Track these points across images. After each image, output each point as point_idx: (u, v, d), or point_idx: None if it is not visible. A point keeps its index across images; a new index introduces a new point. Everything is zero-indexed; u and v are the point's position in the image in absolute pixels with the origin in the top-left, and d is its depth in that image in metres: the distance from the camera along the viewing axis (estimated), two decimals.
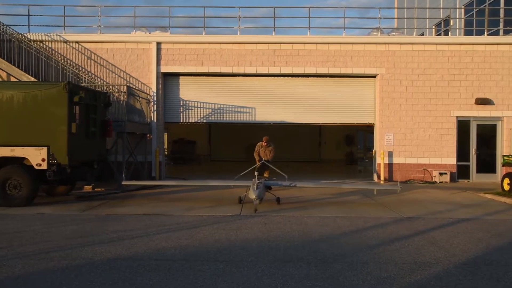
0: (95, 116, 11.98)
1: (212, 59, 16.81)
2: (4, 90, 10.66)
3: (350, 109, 17.24)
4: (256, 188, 9.97)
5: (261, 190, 10.06)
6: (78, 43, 16.73)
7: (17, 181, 10.34)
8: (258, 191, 9.86)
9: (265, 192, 10.57)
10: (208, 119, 17.53)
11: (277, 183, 11.99)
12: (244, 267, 5.75)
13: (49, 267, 5.67)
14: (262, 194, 10.00)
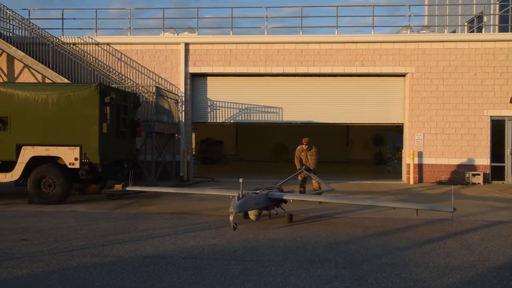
0: (125, 116, 12.23)
1: (240, 60, 16.88)
2: (39, 91, 11.01)
3: (378, 109, 16.99)
4: (238, 199, 7.48)
5: (246, 202, 7.59)
6: (109, 45, 17.12)
7: (52, 180, 10.66)
8: (239, 203, 7.41)
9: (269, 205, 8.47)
10: (235, 119, 17.61)
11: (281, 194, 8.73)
12: (272, 267, 5.75)
13: (82, 263, 5.83)
14: (246, 207, 7.65)
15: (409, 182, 16.12)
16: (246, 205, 7.62)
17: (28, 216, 9.21)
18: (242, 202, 7.47)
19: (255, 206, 7.83)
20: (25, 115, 10.81)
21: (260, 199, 8.09)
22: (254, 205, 7.81)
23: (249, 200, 7.72)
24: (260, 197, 8.14)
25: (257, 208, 7.92)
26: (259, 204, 7.95)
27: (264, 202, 8.19)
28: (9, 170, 10.81)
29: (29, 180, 10.65)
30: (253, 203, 7.80)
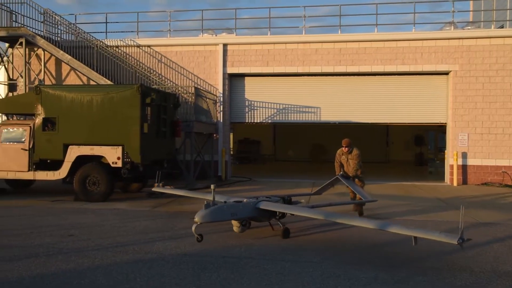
0: (165, 117, 12.50)
1: (277, 59, 16.87)
2: (84, 93, 11.43)
3: (419, 108, 16.52)
4: (206, 207, 6.55)
5: (215, 212, 6.59)
6: (149, 47, 17.55)
7: (96, 178, 11.05)
8: (205, 212, 6.49)
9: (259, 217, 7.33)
10: (272, 119, 17.62)
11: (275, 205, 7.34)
12: (310, 267, 5.71)
13: (124, 259, 6.01)
14: (217, 217, 6.64)
15: (453, 183, 15.58)
16: (216, 215, 6.61)
17: (74, 213, 9.59)
18: (210, 212, 6.52)
19: (231, 216, 6.81)
20: (72, 116, 11.25)
21: (240, 209, 6.96)
22: (229, 216, 6.79)
23: (221, 209, 6.71)
24: (240, 207, 7.00)
25: (236, 219, 6.94)
26: (238, 215, 6.88)
27: (248, 213, 7.05)
28: (57, 169, 11.29)
29: (75, 178, 11.09)
30: (228, 213, 6.78)
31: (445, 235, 5.50)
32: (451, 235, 5.41)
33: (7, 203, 10.87)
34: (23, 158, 11.42)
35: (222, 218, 6.79)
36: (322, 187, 9.68)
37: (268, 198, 7.64)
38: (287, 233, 7.27)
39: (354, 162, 9.50)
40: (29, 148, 11.44)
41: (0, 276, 5.24)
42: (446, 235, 5.51)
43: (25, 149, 11.43)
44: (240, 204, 7.12)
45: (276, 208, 7.21)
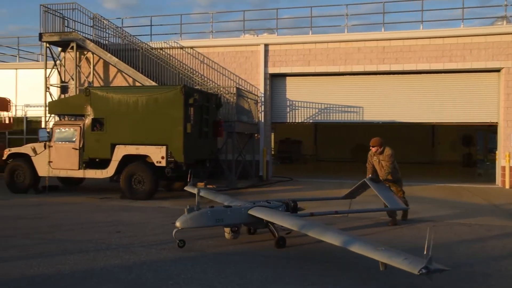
0: (208, 117, 12.70)
1: (319, 59, 16.73)
2: (130, 94, 11.82)
3: (468, 107, 15.89)
4: (188, 212, 6.28)
5: (198, 217, 6.28)
6: (192, 48, 17.89)
7: (141, 177, 11.40)
8: (187, 217, 6.24)
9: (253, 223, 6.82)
10: (314, 119, 17.50)
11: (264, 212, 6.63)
12: (351, 269, 5.63)
13: (168, 256, 6.16)
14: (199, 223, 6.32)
15: (504, 186, 14.86)
16: (199, 221, 6.29)
17: (121, 210, 9.93)
18: (192, 217, 6.24)
19: (215, 222, 6.37)
20: (118, 116, 11.67)
21: (228, 214, 6.49)
22: (214, 221, 6.35)
23: (204, 215, 6.32)
24: (228, 212, 6.53)
25: (223, 225, 6.52)
26: (225, 221, 6.43)
27: (238, 219, 6.57)
28: (105, 167, 11.74)
29: (122, 177, 11.48)
30: (213, 219, 6.34)
31: (409, 262, 4.35)
32: (415, 262, 4.29)
33: (60, 199, 11.42)
34: (74, 157, 11.95)
35: (206, 224, 6.40)
36: (351, 191, 8.67)
37: (268, 203, 7.00)
38: (280, 243, 6.53)
39: (387, 163, 8.28)
40: (79, 147, 11.95)
41: (54, 269, 5.52)
42: (410, 261, 4.35)
43: (75, 148, 11.95)
44: (228, 209, 6.61)
45: (262, 216, 6.52)
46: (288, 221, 6.22)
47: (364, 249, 4.98)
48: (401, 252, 4.76)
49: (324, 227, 5.94)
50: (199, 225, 6.39)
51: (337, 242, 5.32)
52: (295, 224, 6.08)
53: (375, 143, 8.45)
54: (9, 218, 9.04)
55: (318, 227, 5.88)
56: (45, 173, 12.26)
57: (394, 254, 4.68)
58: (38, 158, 12.27)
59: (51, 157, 12.11)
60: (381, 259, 4.70)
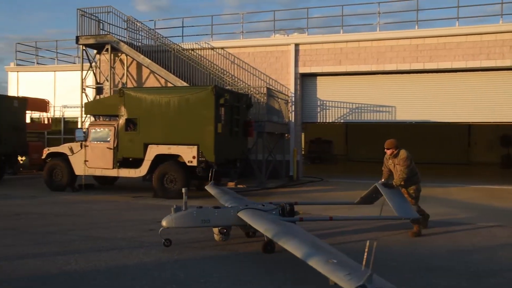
0: (238, 117, 12.77)
1: (350, 58, 16.54)
2: (162, 95, 12.03)
3: (506, 106, 15.36)
4: (174, 212, 6.31)
5: (183, 217, 6.29)
6: (223, 49, 18.02)
7: (173, 176, 11.57)
8: (172, 216, 6.29)
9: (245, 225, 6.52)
10: (345, 119, 17.30)
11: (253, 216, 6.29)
12: (386, 271, 5.52)
13: (200, 255, 6.23)
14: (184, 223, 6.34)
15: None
16: (184, 221, 6.30)
17: (153, 208, 10.11)
18: (177, 217, 6.25)
19: (201, 223, 6.32)
20: (151, 117, 11.89)
21: (215, 216, 6.40)
22: (199, 222, 6.31)
23: (190, 215, 6.29)
24: (216, 214, 6.43)
25: (209, 226, 6.48)
26: (211, 222, 6.38)
27: (226, 221, 6.46)
28: (138, 167, 11.99)
29: (154, 176, 11.69)
30: (198, 220, 6.29)
31: (349, 278, 3.90)
32: (355, 278, 3.84)
33: (95, 198, 11.75)
34: (109, 156, 12.26)
35: (191, 224, 6.38)
36: (363, 196, 8.05)
37: (262, 206, 6.76)
38: (268, 248, 6.19)
39: (401, 167, 7.51)
40: (113, 147, 12.25)
41: (90, 265, 5.68)
42: (350, 277, 3.90)
43: (110, 148, 12.26)
44: (215, 210, 6.49)
45: (246, 218, 6.26)
46: (263, 226, 5.84)
47: (317, 263, 4.46)
48: (351, 266, 4.20)
49: (294, 236, 5.33)
50: (184, 225, 6.41)
51: (298, 254, 4.85)
52: (268, 230, 5.70)
53: (389, 145, 7.73)
54: (48, 215, 9.37)
55: (287, 235, 5.37)
56: (81, 172, 12.63)
57: (340, 268, 4.15)
58: (75, 157, 12.65)
59: (87, 157, 12.47)
60: (326, 273, 4.24)
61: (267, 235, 5.75)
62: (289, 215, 6.74)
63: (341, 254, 4.64)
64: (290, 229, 5.75)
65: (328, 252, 4.69)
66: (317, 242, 5.11)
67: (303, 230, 5.84)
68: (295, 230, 5.72)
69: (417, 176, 7.75)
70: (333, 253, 4.68)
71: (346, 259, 4.26)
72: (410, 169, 7.50)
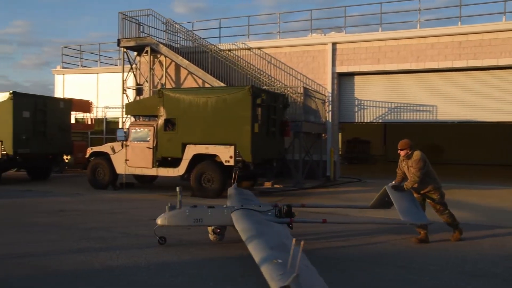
0: (275, 117, 12.77)
1: (389, 56, 16.19)
2: (200, 95, 12.20)
3: None
4: (169, 210, 6.41)
5: (176, 216, 6.38)
6: (259, 49, 18.08)
7: (210, 176, 11.72)
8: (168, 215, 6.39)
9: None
10: (384, 119, 16.96)
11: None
12: (426, 275, 5.39)
13: (237, 254, 6.25)
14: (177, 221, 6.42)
15: None
16: (177, 220, 6.38)
17: None
18: (170, 215, 6.36)
19: (193, 222, 6.34)
20: (189, 117, 12.09)
21: (208, 215, 6.38)
22: (192, 221, 6.33)
23: (182, 214, 6.35)
24: (209, 213, 6.41)
25: (202, 225, 6.46)
26: (204, 221, 6.38)
27: (218, 221, 6.42)
28: (176, 166, 12.22)
29: (192, 175, 11.88)
30: (190, 219, 6.32)
31: (278, 279, 3.78)
32: (283, 279, 3.69)
33: (135, 196, 12.08)
34: (148, 155, 12.56)
35: (184, 223, 6.44)
36: (376, 200, 7.65)
37: (258, 206, 6.67)
38: None
39: (414, 170, 7.00)
40: (153, 146, 12.54)
41: (131, 261, 5.85)
42: (280, 278, 3.78)
43: (149, 147, 12.56)
44: (209, 209, 6.47)
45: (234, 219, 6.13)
46: (241, 226, 5.68)
47: (262, 262, 4.32)
48: (293, 268, 3.81)
49: (260, 237, 5.11)
50: (177, 224, 6.45)
51: (254, 255, 4.69)
52: (243, 231, 5.53)
53: (403, 146, 7.24)
54: (91, 212, 9.72)
55: (255, 238, 5.13)
56: (122, 170, 13.01)
57: (277, 268, 4.01)
58: (116, 156, 13.04)
59: (128, 156, 12.83)
60: (264, 271, 4.12)
61: (241, 235, 5.52)
62: (287, 216, 6.58)
63: (303, 257, 4.18)
64: (266, 231, 5.53)
65: (285, 254, 4.35)
66: (283, 245, 4.86)
67: (287, 232, 5.69)
68: (272, 232, 5.53)
69: (436, 180, 7.13)
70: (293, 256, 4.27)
71: (297, 262, 3.90)
72: (424, 172, 6.96)
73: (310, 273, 4.05)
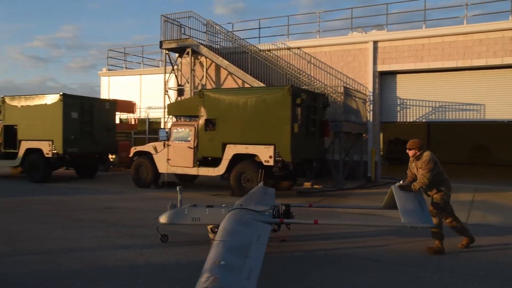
0: (314, 117, 12.68)
1: (433, 54, 15.70)
2: (240, 95, 12.30)
3: None
4: (170, 208, 6.67)
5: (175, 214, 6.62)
6: (299, 48, 18.00)
7: (250, 175, 11.79)
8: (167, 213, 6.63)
9: None
10: (427, 118, 16.47)
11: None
12: (474, 281, 5.20)
13: (275, 253, 6.29)
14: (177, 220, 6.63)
15: None
16: (175, 218, 6.60)
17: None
18: (170, 213, 6.60)
19: (191, 221, 6.51)
20: (229, 117, 12.21)
21: (205, 214, 6.51)
22: (190, 220, 6.51)
23: (181, 212, 6.58)
24: (206, 212, 6.53)
25: (200, 224, 6.54)
26: (201, 220, 6.49)
27: (215, 220, 6.37)
28: (216, 165, 12.38)
29: (232, 175, 11.99)
30: (188, 218, 6.52)
31: (204, 281, 3.86)
32: (205, 282, 3.80)
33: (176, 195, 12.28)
34: (189, 155, 12.80)
35: (182, 221, 6.61)
36: (386, 201, 7.32)
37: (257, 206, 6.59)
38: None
39: (423, 171, 6.56)
40: (194, 146, 12.76)
41: (173, 259, 5.99)
42: (205, 280, 3.87)
43: (190, 147, 12.78)
44: (207, 209, 6.59)
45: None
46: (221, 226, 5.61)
47: (209, 262, 4.36)
48: (227, 270, 4.11)
49: (225, 243, 4.97)
50: (176, 222, 6.61)
51: (208, 260, 4.51)
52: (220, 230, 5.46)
53: (411, 145, 6.85)
54: (135, 209, 10.03)
55: (221, 240, 5.02)
56: (164, 170, 13.32)
57: (209, 270, 4.09)
58: (158, 156, 13.36)
59: (169, 155, 13.12)
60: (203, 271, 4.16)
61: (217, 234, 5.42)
62: (285, 216, 6.54)
63: (255, 259, 4.48)
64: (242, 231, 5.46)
65: (239, 257, 4.50)
66: (246, 249, 4.81)
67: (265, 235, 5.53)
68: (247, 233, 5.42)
69: (445, 182, 6.66)
70: (253, 258, 4.52)
71: (241, 265, 4.20)
72: (434, 174, 6.52)
73: (238, 276, 4.05)
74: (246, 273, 4.14)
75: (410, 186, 6.67)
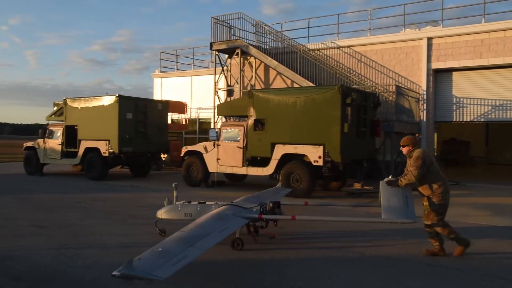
0: (365, 116, 12.44)
1: (493, 50, 14.94)
2: (289, 95, 12.29)
3: None
4: (167, 204, 7.02)
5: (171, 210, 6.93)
6: (349, 47, 17.72)
7: (299, 175, 11.76)
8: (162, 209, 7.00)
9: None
10: (486, 118, 15.68)
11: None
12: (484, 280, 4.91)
13: (325, 255, 6.24)
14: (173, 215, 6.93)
15: None
16: (170, 214, 6.90)
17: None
18: (165, 209, 6.93)
19: (184, 216, 6.76)
20: (278, 117, 12.24)
21: (198, 210, 6.71)
22: (183, 216, 6.78)
23: (175, 208, 6.91)
24: (198, 208, 6.76)
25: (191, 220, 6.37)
26: (193, 216, 6.59)
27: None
28: (265, 165, 12.44)
29: (280, 175, 12.00)
30: (182, 213, 6.83)
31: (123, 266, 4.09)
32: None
33: (225, 194, 12.48)
34: (238, 155, 12.95)
35: (176, 217, 6.85)
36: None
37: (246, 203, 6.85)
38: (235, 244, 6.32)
39: (411, 168, 6.28)
40: (243, 146, 12.90)
41: (223, 257, 6.10)
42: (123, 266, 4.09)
43: (240, 147, 12.94)
44: (198, 205, 6.87)
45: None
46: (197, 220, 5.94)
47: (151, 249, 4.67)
48: (160, 256, 4.41)
49: (185, 233, 5.35)
50: (170, 218, 6.89)
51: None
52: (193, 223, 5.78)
53: (404, 142, 6.55)
54: None
55: (185, 230, 5.41)
56: (214, 169, 13.56)
57: (142, 257, 4.37)
58: (209, 155, 13.63)
59: (219, 155, 13.34)
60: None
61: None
62: (271, 213, 6.67)
63: (199, 249, 4.81)
64: (210, 224, 5.74)
65: (183, 246, 4.77)
66: (195, 237, 5.10)
67: (234, 226, 5.88)
68: (215, 225, 5.69)
69: (440, 182, 6.23)
70: (197, 247, 4.82)
71: (178, 252, 4.50)
72: (423, 172, 6.16)
73: (162, 261, 4.27)
74: (176, 259, 4.37)
75: (397, 181, 6.44)
